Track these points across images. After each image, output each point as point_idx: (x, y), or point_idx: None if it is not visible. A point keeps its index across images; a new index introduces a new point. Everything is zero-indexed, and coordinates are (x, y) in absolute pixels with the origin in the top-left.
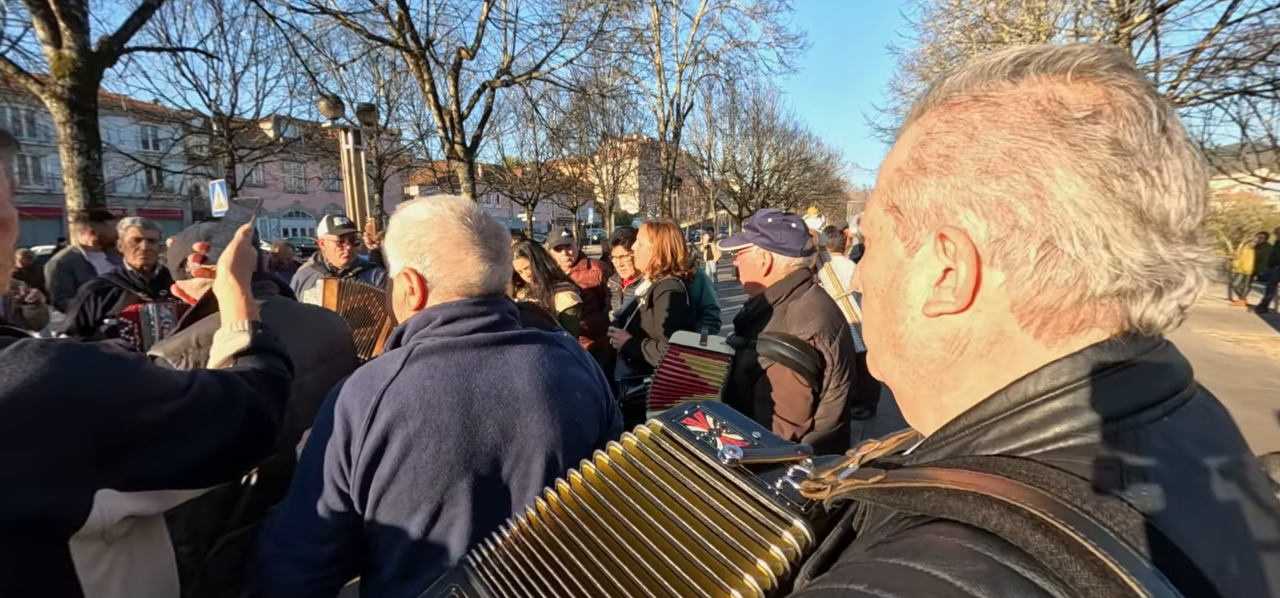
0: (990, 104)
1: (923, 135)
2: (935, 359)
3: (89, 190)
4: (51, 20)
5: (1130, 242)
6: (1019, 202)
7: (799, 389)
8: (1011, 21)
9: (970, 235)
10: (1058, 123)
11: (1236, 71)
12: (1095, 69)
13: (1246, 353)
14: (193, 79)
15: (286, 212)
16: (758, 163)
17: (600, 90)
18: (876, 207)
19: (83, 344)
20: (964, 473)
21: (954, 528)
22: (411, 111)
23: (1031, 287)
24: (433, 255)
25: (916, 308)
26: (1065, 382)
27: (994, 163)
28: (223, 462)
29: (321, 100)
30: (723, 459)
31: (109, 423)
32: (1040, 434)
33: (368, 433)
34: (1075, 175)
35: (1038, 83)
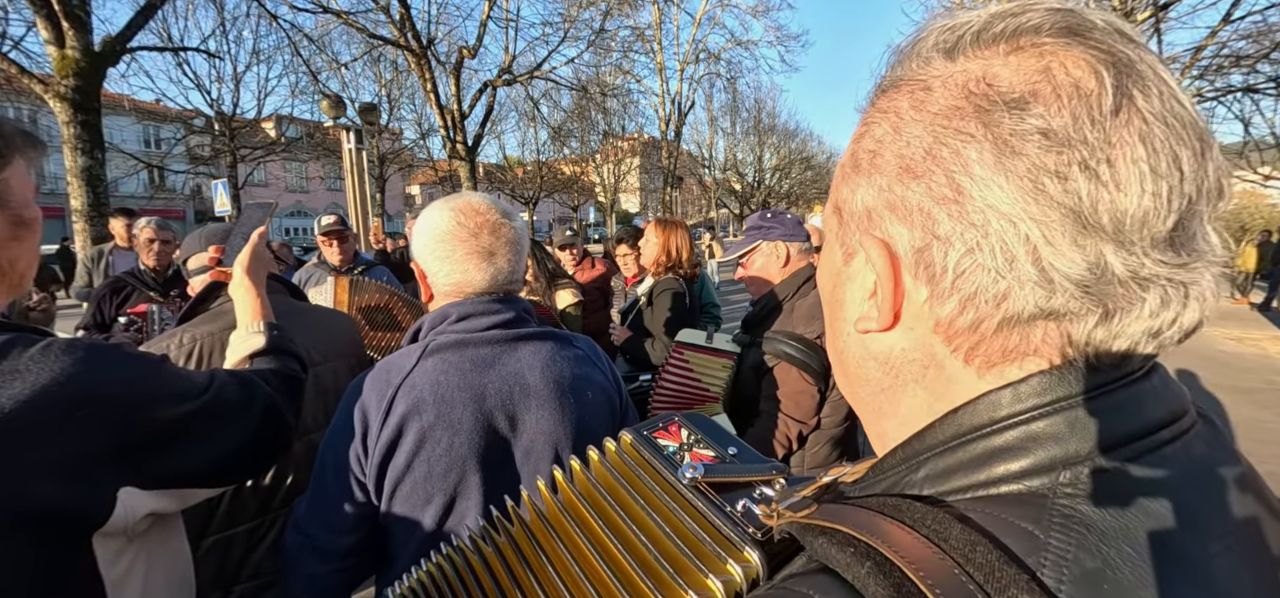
0: (919, 88)
1: (862, 126)
2: (871, 380)
3: (92, 190)
4: (55, 20)
5: (1065, 252)
6: (938, 206)
7: (805, 387)
8: None
9: (891, 245)
10: (982, 110)
11: (1239, 69)
12: (1037, 36)
13: (1249, 351)
14: (195, 78)
15: (288, 211)
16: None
17: (602, 89)
18: (829, 205)
19: (107, 344)
20: (868, 517)
21: (831, 580)
22: (413, 111)
23: (953, 305)
24: (430, 254)
25: (850, 322)
26: (1004, 416)
27: (915, 161)
28: (240, 460)
29: (323, 100)
30: (683, 477)
31: (132, 421)
32: (972, 476)
33: (383, 426)
34: (998, 175)
35: (972, 57)
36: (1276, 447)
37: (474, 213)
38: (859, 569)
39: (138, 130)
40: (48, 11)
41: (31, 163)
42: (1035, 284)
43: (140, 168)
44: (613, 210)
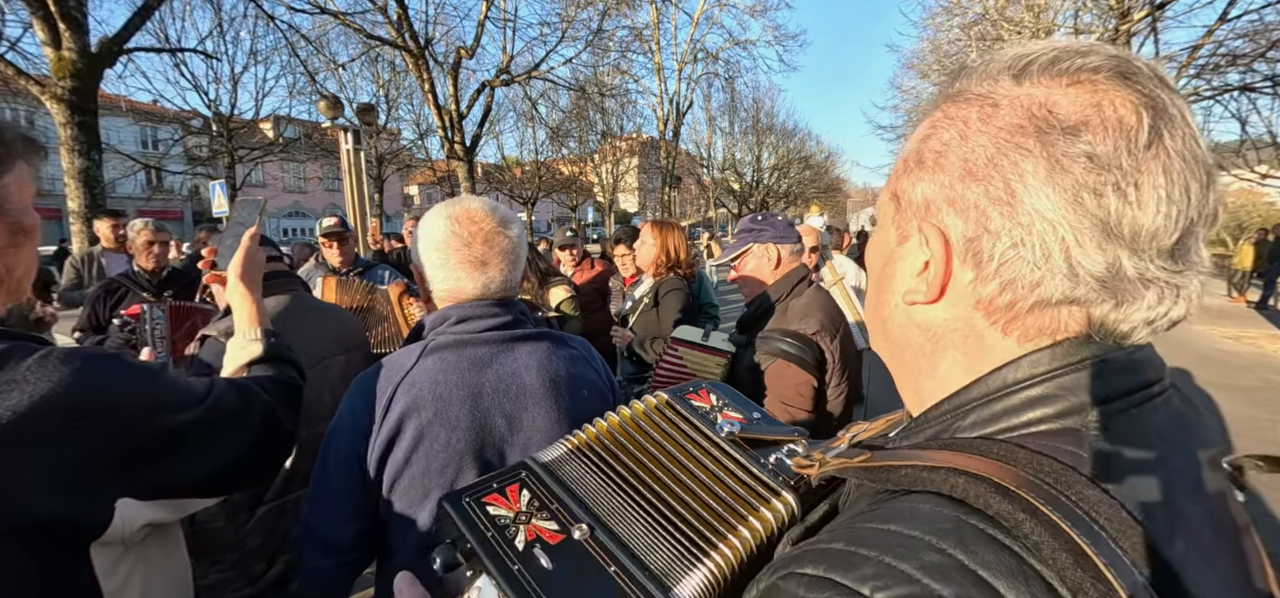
0: (988, 104)
1: (928, 128)
2: (913, 345)
3: (89, 191)
4: (51, 22)
5: (1092, 254)
6: (992, 206)
7: (805, 379)
8: (1011, 19)
9: (947, 234)
10: (1042, 132)
11: (1236, 68)
12: (1095, 75)
13: (1246, 350)
14: (192, 79)
15: (287, 211)
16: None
17: (600, 89)
18: (886, 191)
19: (105, 353)
20: (941, 453)
21: (926, 497)
22: (411, 111)
23: (995, 287)
24: (427, 260)
25: (898, 294)
26: (1042, 372)
27: (977, 166)
28: (238, 470)
29: (321, 100)
30: (721, 432)
31: (129, 431)
32: (1015, 419)
33: (383, 421)
34: (1048, 187)
35: (1037, 84)
36: (1273, 445)
37: (469, 221)
38: (955, 481)
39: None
40: (44, 13)
41: (32, 168)
42: (1064, 276)
43: (138, 169)
44: (611, 210)
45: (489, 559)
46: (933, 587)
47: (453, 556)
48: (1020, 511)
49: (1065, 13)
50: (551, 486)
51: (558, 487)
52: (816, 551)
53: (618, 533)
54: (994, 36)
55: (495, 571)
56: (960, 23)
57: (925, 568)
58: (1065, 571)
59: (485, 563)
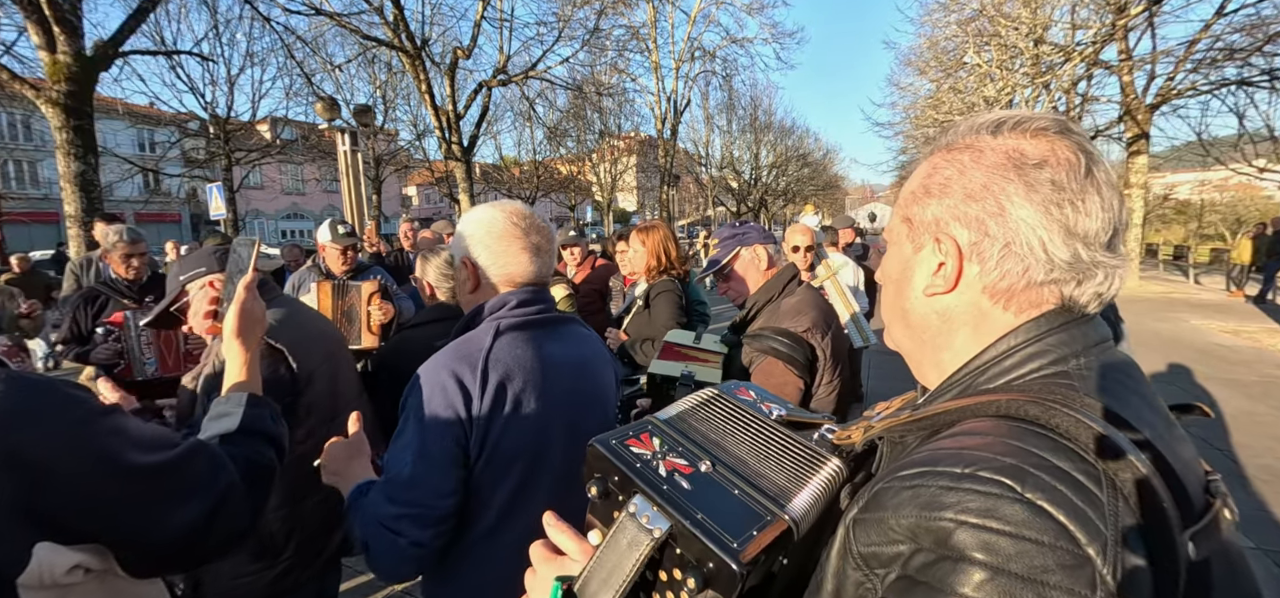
0: (976, 150)
1: (930, 169)
2: (932, 327)
3: (87, 195)
4: (46, 25)
5: (1060, 247)
6: (989, 218)
7: (790, 379)
8: (1008, 14)
9: (957, 240)
10: (1018, 167)
11: (1233, 62)
12: (1047, 131)
13: (1244, 344)
14: (188, 81)
15: (284, 213)
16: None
17: (597, 88)
18: (896, 218)
19: (53, 385)
20: (976, 397)
21: (977, 419)
22: (408, 112)
23: (996, 275)
24: (484, 249)
25: (918, 290)
26: (1032, 336)
27: (974, 190)
28: (180, 544)
29: (318, 102)
30: (771, 414)
31: (47, 483)
32: (1022, 370)
33: (483, 394)
34: (1027, 204)
35: (1009, 137)
36: (1271, 440)
37: (523, 216)
38: (999, 402)
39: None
40: (38, 16)
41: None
42: (1043, 264)
43: (135, 172)
44: (609, 209)
45: (641, 482)
46: (1002, 459)
47: (605, 485)
48: (1049, 410)
49: (1062, 8)
50: (673, 434)
51: (679, 435)
52: (906, 463)
53: (735, 466)
54: (991, 33)
55: (649, 489)
56: (958, 18)
57: (994, 451)
58: (1087, 442)
59: (639, 485)
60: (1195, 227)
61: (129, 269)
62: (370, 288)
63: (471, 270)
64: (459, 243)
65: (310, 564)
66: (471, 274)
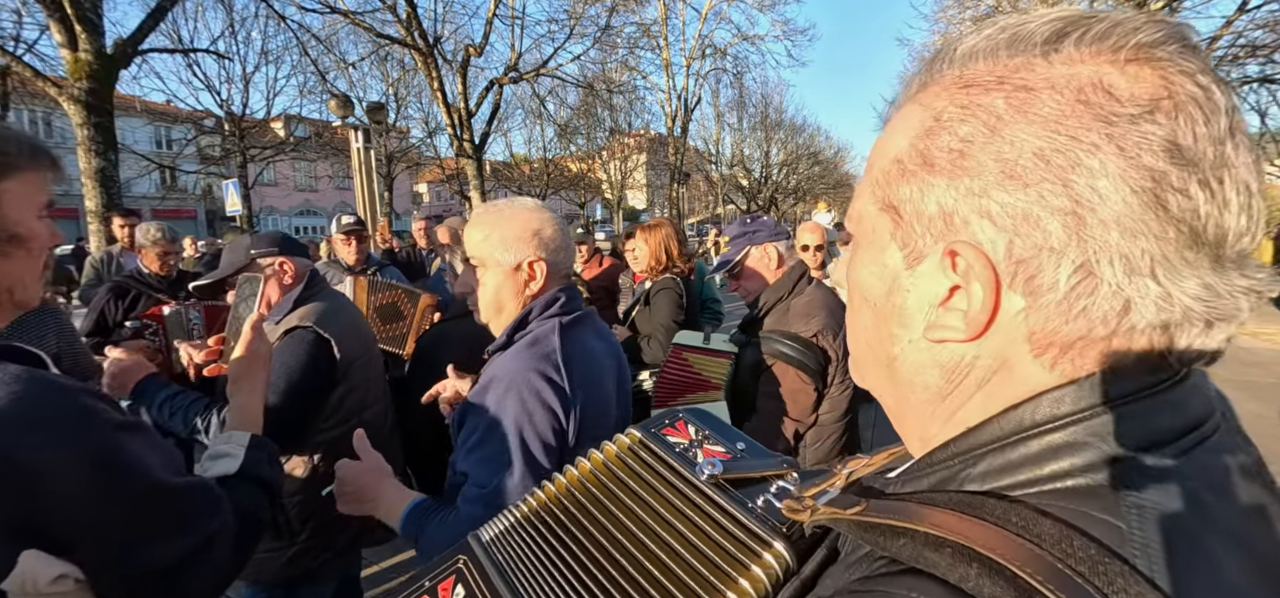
0: (1019, 88)
1: (929, 121)
2: (930, 388)
3: (106, 191)
4: (68, 24)
5: (1182, 270)
6: (1050, 216)
7: (802, 386)
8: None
9: (989, 255)
10: (1105, 118)
11: (1255, 59)
12: (1154, 50)
13: (1262, 346)
14: (205, 79)
15: (297, 210)
16: (766, 157)
17: (608, 86)
18: (868, 201)
19: (71, 399)
20: (947, 515)
21: (929, 583)
22: (420, 109)
23: (1059, 316)
24: (553, 245)
25: (915, 330)
26: (1067, 412)
27: (1021, 166)
28: (149, 580)
29: (331, 99)
30: (701, 474)
31: (42, 497)
32: (1035, 471)
33: (573, 390)
34: (1123, 187)
35: (1079, 61)
36: None
37: (553, 213)
38: (965, 569)
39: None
40: (61, 15)
41: (42, 178)
42: (1156, 299)
43: (152, 169)
44: (619, 207)
45: None
46: None
47: None
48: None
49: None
50: (490, 574)
51: (496, 575)
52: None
53: None
54: None
55: None
56: (972, 15)
57: None
58: None
59: None
60: None
61: (164, 266)
62: (429, 301)
63: (542, 269)
64: (519, 244)
65: (326, 549)
66: (541, 273)
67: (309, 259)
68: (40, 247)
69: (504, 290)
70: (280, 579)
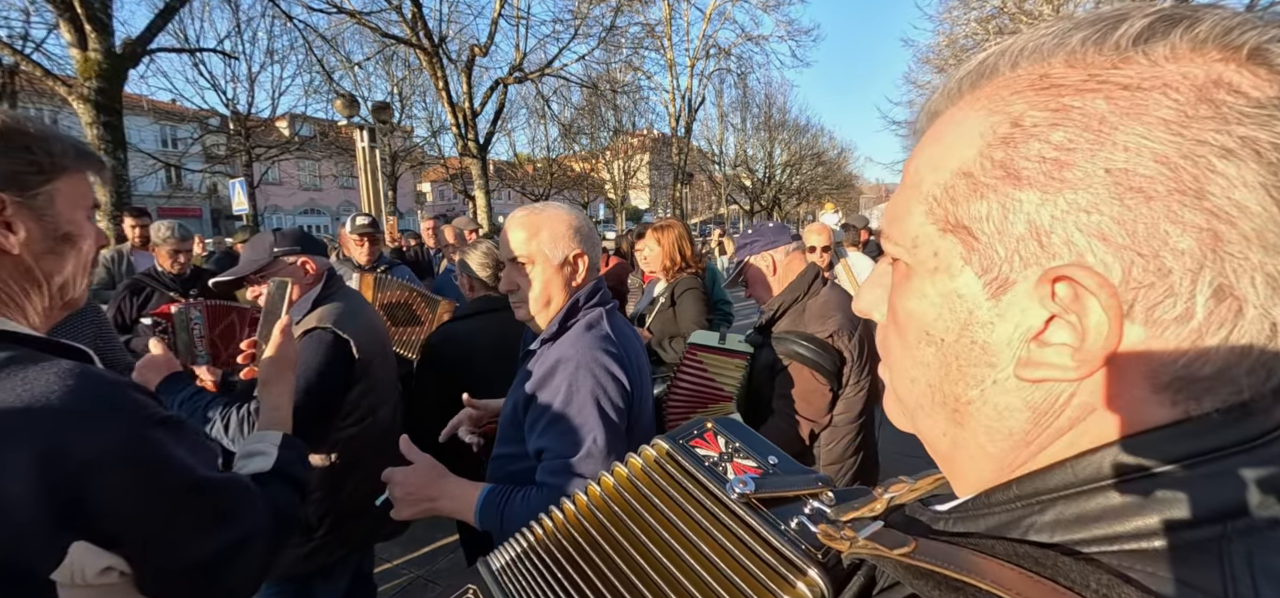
0: (1122, 87)
1: (1006, 126)
2: (1016, 434)
3: (115, 190)
4: (77, 23)
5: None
6: (1182, 232)
7: (817, 387)
8: (1030, 11)
9: (1107, 278)
10: (1237, 119)
11: None
12: (1270, 49)
13: None
14: (210, 79)
15: (301, 209)
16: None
17: (612, 86)
18: (921, 220)
19: (123, 394)
20: (1010, 571)
21: None
22: (425, 109)
23: (1179, 345)
24: (590, 241)
25: (1004, 367)
26: (1157, 460)
27: (1141, 175)
28: (188, 574)
29: (337, 99)
30: (732, 492)
31: (93, 489)
32: (1114, 527)
33: (637, 372)
34: (1266, 195)
35: (1188, 59)
36: None
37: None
38: None
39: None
40: (71, 15)
41: (89, 180)
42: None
43: (158, 167)
44: (622, 207)
45: None
46: None
47: None
48: None
49: (1085, 4)
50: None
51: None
52: None
53: None
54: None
55: None
56: (977, 16)
57: None
58: None
59: None
60: None
61: (175, 264)
62: (447, 307)
63: (584, 264)
64: (565, 241)
65: (342, 545)
66: (583, 266)
67: (327, 258)
68: (89, 246)
69: (552, 284)
70: (297, 575)
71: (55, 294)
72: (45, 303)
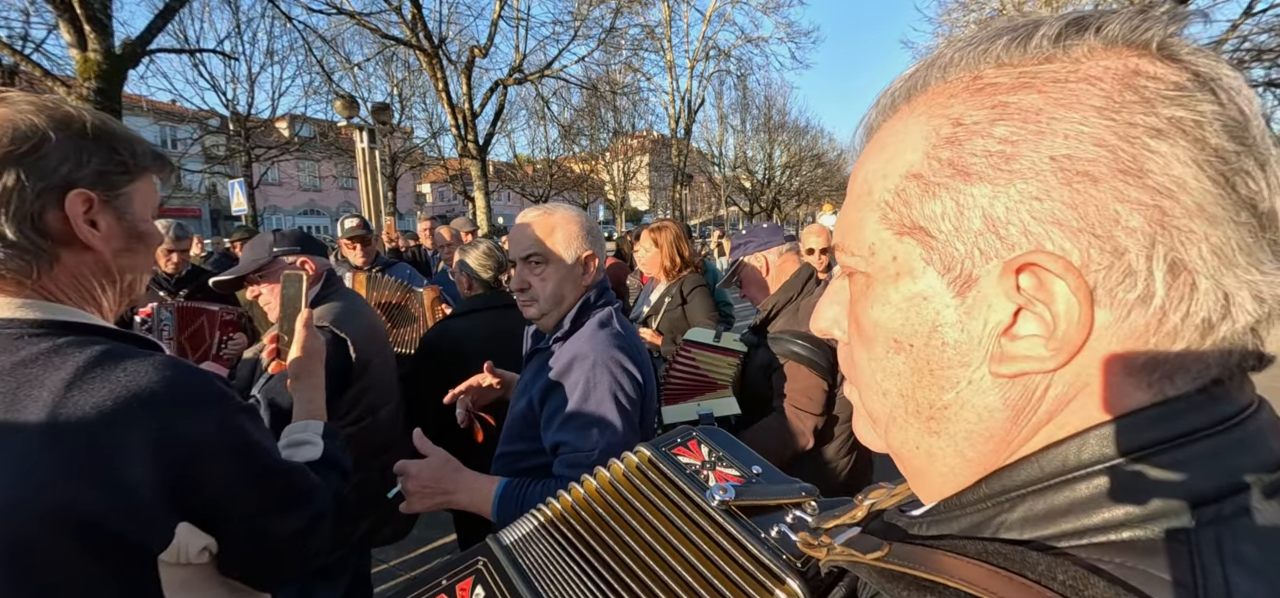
0: (1052, 81)
1: (948, 127)
2: (996, 436)
3: None
4: (77, 24)
5: (1263, 258)
6: (1132, 210)
7: (816, 382)
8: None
9: (1078, 266)
10: (1162, 100)
11: (1261, 63)
12: (1175, 42)
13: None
14: (210, 79)
15: (301, 209)
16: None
17: (612, 87)
18: (876, 227)
19: (210, 382)
20: (978, 569)
21: None
22: (424, 110)
23: (1146, 326)
24: (598, 241)
25: (978, 365)
26: (1123, 449)
27: (1085, 158)
28: (273, 553)
29: (337, 99)
30: (713, 500)
31: (197, 471)
32: (1083, 519)
33: (645, 367)
34: (1199, 170)
35: (1103, 54)
36: None
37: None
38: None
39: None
40: (70, 15)
41: (156, 182)
42: (1250, 291)
43: None
44: (622, 208)
45: None
46: None
47: None
48: None
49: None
50: (511, 577)
51: (518, 578)
52: None
53: None
54: None
55: None
56: (976, 18)
57: None
58: None
59: None
60: None
61: (171, 264)
62: (432, 294)
63: (594, 262)
64: (578, 242)
65: (342, 545)
66: (593, 266)
67: (327, 258)
68: (155, 245)
69: (566, 283)
70: (297, 576)
71: (125, 290)
72: (115, 298)
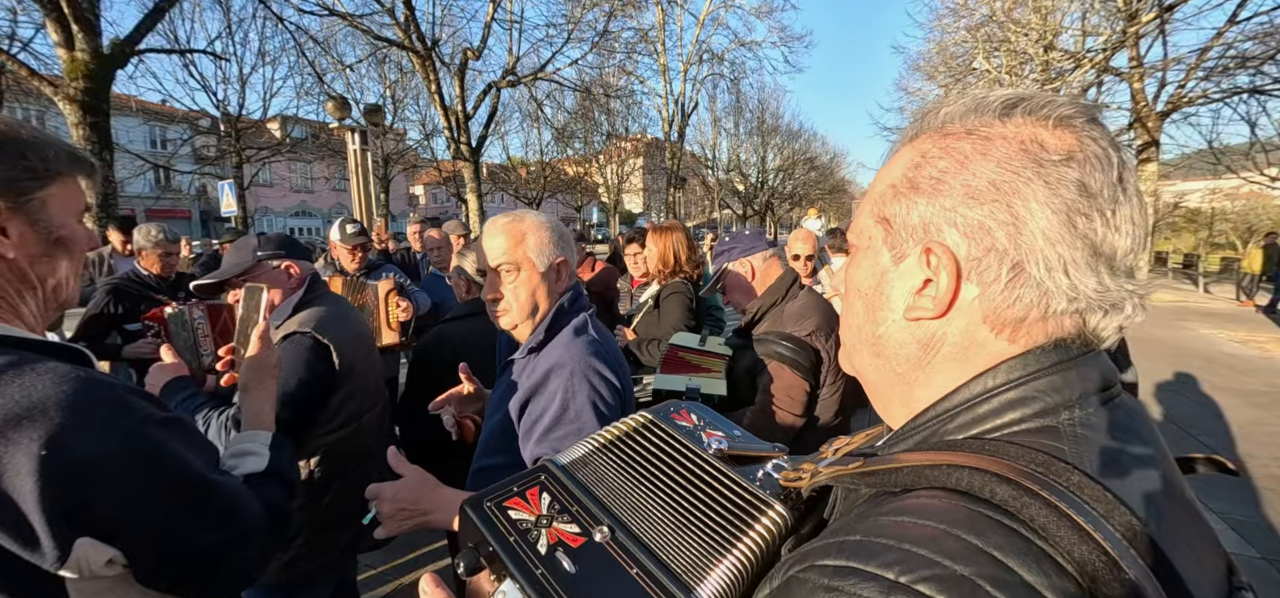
0: (981, 138)
1: (918, 157)
2: (910, 359)
3: (102, 191)
4: (64, 23)
5: (1084, 271)
6: (998, 227)
7: (797, 383)
8: (1018, 21)
9: (954, 252)
10: (1037, 162)
11: (1245, 70)
12: (1072, 120)
13: (1254, 354)
14: (201, 80)
15: (293, 211)
16: (762, 162)
17: (605, 90)
18: (866, 217)
19: (115, 394)
20: (937, 453)
21: (931, 492)
22: (417, 111)
23: (1002, 301)
24: (568, 247)
25: (897, 311)
26: (1017, 376)
27: (979, 190)
28: (187, 570)
29: (329, 101)
30: (708, 448)
31: (90, 487)
32: (998, 420)
33: (621, 371)
34: (1047, 209)
35: (1024, 125)
36: (1278, 448)
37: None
38: (959, 475)
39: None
40: (57, 14)
41: (81, 184)
42: (1066, 291)
43: (147, 168)
44: (616, 211)
45: (512, 564)
46: (952, 567)
47: (476, 559)
48: (1024, 495)
49: (1073, 14)
50: (571, 488)
51: (578, 489)
52: (834, 543)
53: (638, 534)
54: (1000, 38)
55: (519, 575)
56: (967, 24)
57: (944, 552)
58: (1071, 548)
59: (509, 568)
60: (1205, 235)
61: (163, 267)
62: (387, 286)
63: (567, 268)
64: (550, 248)
65: (322, 556)
66: (566, 272)
67: (311, 262)
68: (82, 250)
69: (539, 291)
70: (278, 583)
71: (49, 296)
72: (40, 305)
